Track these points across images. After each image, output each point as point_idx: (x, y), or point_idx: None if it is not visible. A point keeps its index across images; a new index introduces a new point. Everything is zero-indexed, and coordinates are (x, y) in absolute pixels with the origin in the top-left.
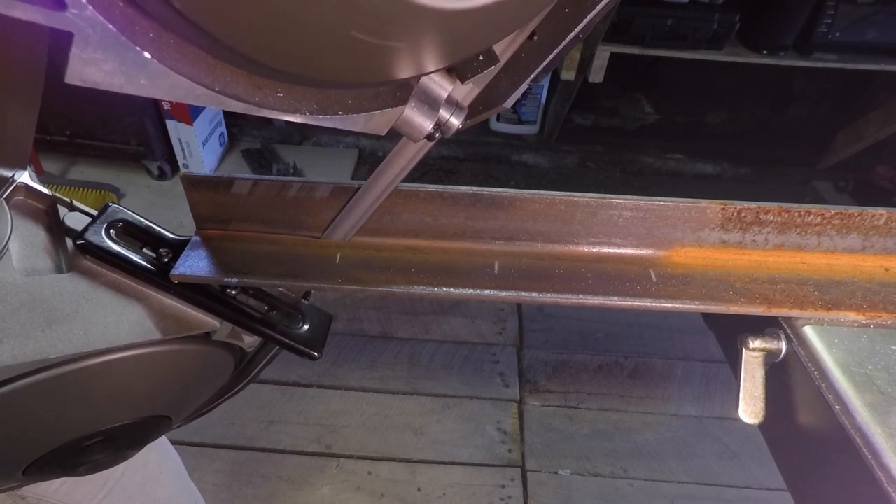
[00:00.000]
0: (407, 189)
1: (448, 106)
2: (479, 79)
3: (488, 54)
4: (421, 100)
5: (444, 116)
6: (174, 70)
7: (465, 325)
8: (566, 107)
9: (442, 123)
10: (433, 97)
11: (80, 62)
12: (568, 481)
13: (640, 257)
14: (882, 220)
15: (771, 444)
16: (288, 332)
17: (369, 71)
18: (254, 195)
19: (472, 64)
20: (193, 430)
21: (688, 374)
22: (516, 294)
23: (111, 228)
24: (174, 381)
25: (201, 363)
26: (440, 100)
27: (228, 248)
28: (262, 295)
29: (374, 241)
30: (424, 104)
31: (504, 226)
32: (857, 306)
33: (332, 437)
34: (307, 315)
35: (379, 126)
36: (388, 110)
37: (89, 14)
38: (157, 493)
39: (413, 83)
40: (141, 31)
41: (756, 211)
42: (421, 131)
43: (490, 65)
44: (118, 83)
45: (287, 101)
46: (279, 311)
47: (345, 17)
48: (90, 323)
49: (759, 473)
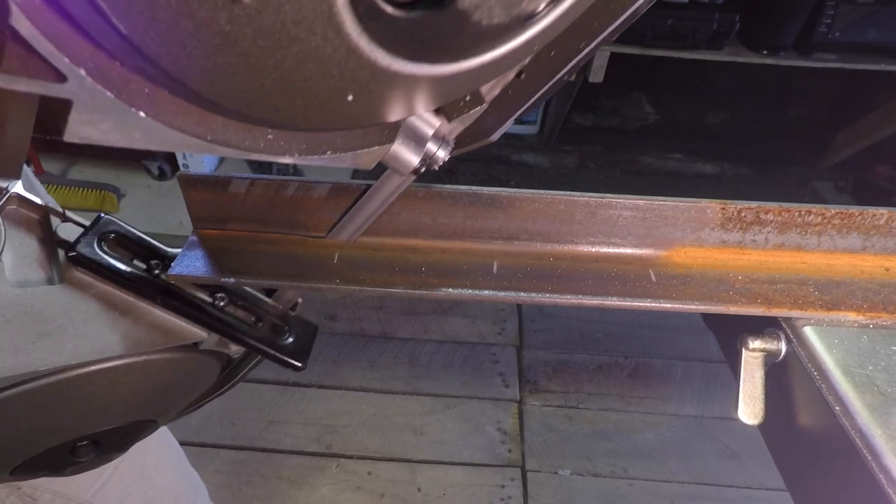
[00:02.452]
0: (406, 188)
1: (435, 141)
2: (465, 118)
3: (475, 95)
4: (408, 137)
5: (431, 150)
6: (167, 125)
7: (465, 325)
8: (566, 107)
9: (429, 157)
10: (420, 134)
11: (78, 123)
12: (568, 481)
13: (639, 257)
14: (883, 219)
15: (771, 445)
16: (273, 343)
17: (356, 121)
18: (251, 195)
19: (458, 104)
20: (193, 430)
21: (688, 374)
22: (515, 294)
23: (103, 240)
24: (161, 388)
25: (188, 370)
26: (427, 137)
27: (226, 247)
28: (250, 307)
29: (373, 241)
30: (411, 141)
31: (503, 225)
32: (857, 306)
33: (332, 437)
34: (293, 326)
35: (367, 162)
36: (375, 148)
37: (88, 84)
38: (156, 481)
39: (401, 122)
40: (135, 90)
41: (756, 211)
42: (408, 166)
43: (476, 105)
44: (114, 139)
45: (276, 144)
46: (266, 322)
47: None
48: (80, 335)
49: (759, 473)
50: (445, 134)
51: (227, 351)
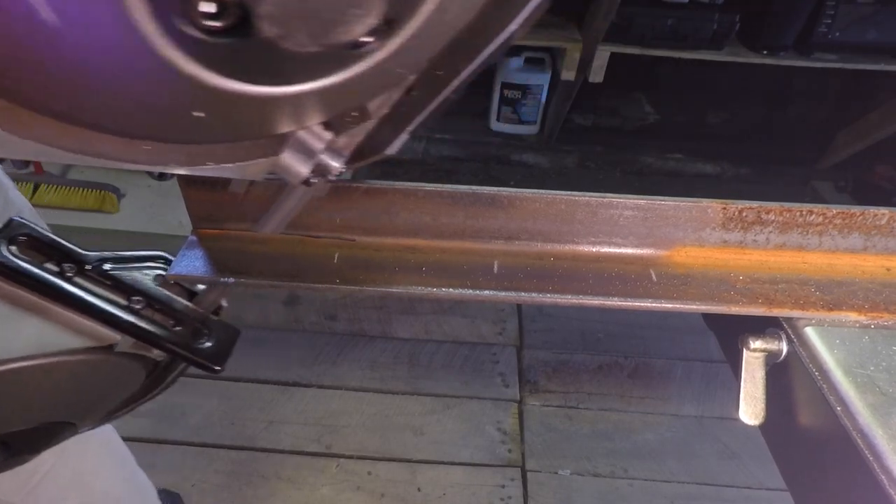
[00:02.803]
0: (405, 188)
1: (327, 153)
2: (353, 133)
3: (362, 111)
4: (297, 149)
5: (323, 161)
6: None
7: (465, 325)
8: (566, 107)
9: (321, 167)
10: (308, 147)
11: None
12: (568, 481)
13: (640, 257)
14: (884, 219)
15: (771, 445)
16: (190, 346)
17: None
18: (251, 194)
19: (345, 119)
20: (193, 430)
21: (688, 374)
22: (516, 294)
23: (13, 243)
24: (73, 389)
25: (104, 373)
26: (315, 149)
27: (225, 247)
28: (168, 310)
29: (373, 241)
30: (300, 153)
31: (504, 225)
32: (858, 306)
33: (332, 437)
34: (214, 330)
35: (254, 173)
36: (262, 160)
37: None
38: (95, 485)
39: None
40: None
41: (758, 210)
42: (298, 176)
43: (363, 120)
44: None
45: (155, 155)
46: (186, 325)
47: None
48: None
49: (759, 473)
50: (340, 147)
51: (150, 354)
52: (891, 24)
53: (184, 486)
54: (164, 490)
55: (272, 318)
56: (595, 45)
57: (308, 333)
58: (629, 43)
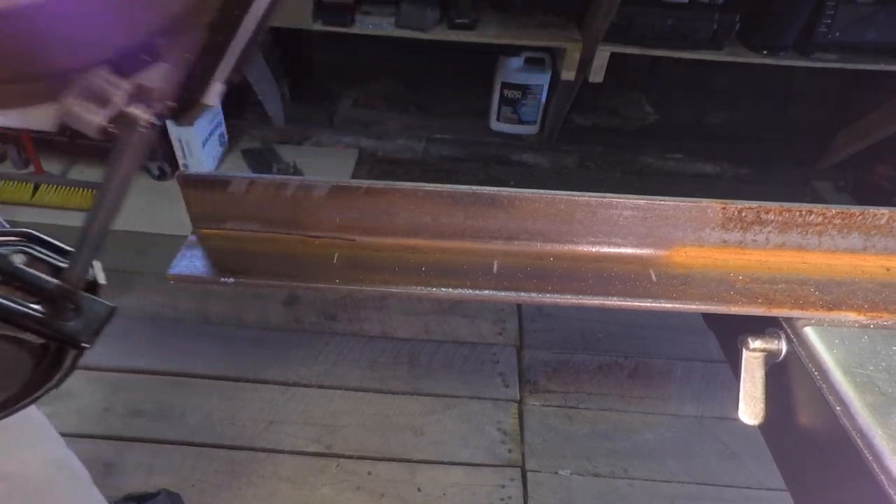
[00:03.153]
0: (405, 188)
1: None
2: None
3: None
4: (84, 96)
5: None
6: None
7: (465, 325)
8: (566, 107)
9: (125, 117)
10: (99, 94)
11: None
12: (568, 481)
13: (640, 257)
14: (884, 219)
15: (771, 445)
16: (51, 324)
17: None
18: (250, 194)
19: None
20: (193, 430)
21: (688, 374)
22: (515, 294)
23: None
24: None
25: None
26: (108, 95)
27: (225, 247)
28: (30, 288)
29: (373, 241)
30: (91, 101)
31: (503, 225)
32: (858, 306)
33: (332, 437)
34: (83, 308)
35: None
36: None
37: None
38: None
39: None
40: None
41: (757, 210)
42: (91, 126)
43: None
44: None
45: None
46: (49, 303)
47: None
48: None
49: (759, 473)
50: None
51: (23, 336)
52: (891, 24)
53: (184, 486)
54: (164, 490)
55: (272, 318)
56: (595, 45)
57: (308, 333)
58: (629, 43)
